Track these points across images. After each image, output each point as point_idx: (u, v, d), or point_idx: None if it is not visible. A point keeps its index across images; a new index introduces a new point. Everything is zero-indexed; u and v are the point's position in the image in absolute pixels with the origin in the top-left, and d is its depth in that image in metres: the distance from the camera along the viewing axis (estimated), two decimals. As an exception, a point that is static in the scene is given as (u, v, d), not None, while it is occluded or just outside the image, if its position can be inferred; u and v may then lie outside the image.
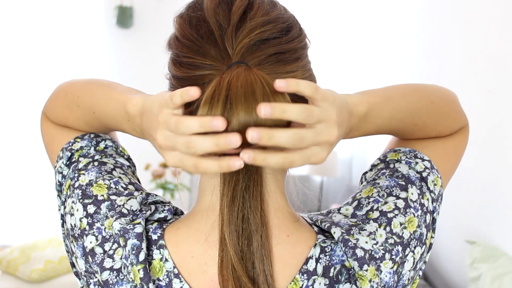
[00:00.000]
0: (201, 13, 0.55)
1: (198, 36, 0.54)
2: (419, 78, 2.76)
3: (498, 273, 1.70)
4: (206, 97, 0.48)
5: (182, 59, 0.55)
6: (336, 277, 0.53)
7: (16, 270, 2.57)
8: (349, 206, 0.60)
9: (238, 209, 0.51)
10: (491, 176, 1.94)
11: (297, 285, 0.53)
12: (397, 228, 0.56)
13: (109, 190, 0.59)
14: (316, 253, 0.54)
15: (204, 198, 0.57)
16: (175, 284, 0.54)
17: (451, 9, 2.37)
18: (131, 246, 0.54)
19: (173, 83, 0.56)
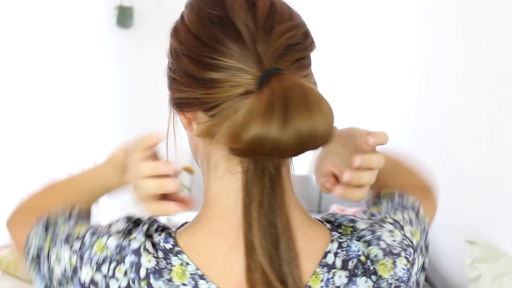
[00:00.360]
0: (224, 11, 0.53)
1: (224, 36, 0.52)
2: (420, 79, 2.76)
3: (498, 273, 1.70)
4: (262, 109, 0.47)
5: (203, 59, 0.52)
6: (354, 270, 0.56)
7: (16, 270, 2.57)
8: (362, 215, 0.64)
9: (265, 214, 0.52)
10: (491, 176, 1.94)
11: (318, 278, 0.55)
12: (408, 234, 0.61)
13: (88, 228, 0.59)
14: (334, 248, 0.57)
15: (220, 201, 0.56)
16: (202, 285, 0.53)
17: (451, 10, 2.37)
18: (129, 263, 0.53)
19: (187, 80, 0.54)
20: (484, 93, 2.01)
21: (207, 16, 0.53)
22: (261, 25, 0.52)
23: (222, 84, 0.51)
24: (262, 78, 0.50)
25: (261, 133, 0.47)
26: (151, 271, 0.53)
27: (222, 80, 0.51)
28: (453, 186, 2.29)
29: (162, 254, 0.54)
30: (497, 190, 1.90)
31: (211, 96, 0.52)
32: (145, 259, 0.54)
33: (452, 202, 2.30)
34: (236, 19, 0.52)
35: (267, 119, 0.47)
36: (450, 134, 2.32)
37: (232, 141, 0.49)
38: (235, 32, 0.52)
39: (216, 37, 0.52)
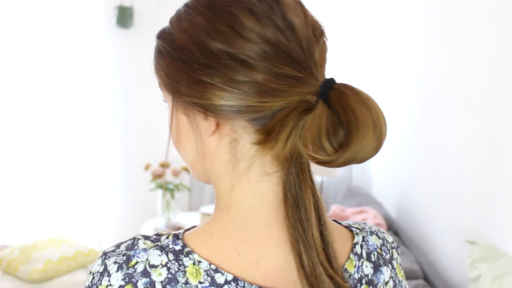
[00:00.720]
0: (285, 21, 0.54)
1: (289, 44, 0.53)
2: (420, 80, 2.76)
3: (498, 273, 1.70)
4: (361, 125, 0.50)
5: (274, 69, 0.53)
6: (378, 261, 0.62)
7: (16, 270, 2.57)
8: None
9: (315, 209, 0.56)
10: (491, 176, 1.94)
11: (352, 264, 0.60)
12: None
13: None
14: (359, 240, 0.62)
15: (246, 203, 0.57)
16: (218, 279, 0.54)
17: (452, 11, 2.37)
18: (143, 286, 0.53)
19: (242, 89, 0.53)
20: (484, 94, 2.01)
21: (265, 26, 0.54)
22: (312, 35, 0.56)
23: (281, 93, 0.52)
24: (324, 88, 0.53)
25: (359, 149, 0.50)
26: (166, 282, 0.53)
27: (281, 89, 0.52)
28: (453, 186, 2.29)
29: (172, 256, 0.54)
30: (497, 190, 1.90)
31: (268, 104, 0.53)
32: (155, 274, 0.53)
33: (452, 202, 2.31)
34: (297, 27, 0.55)
35: (366, 134, 0.50)
36: (450, 134, 2.33)
37: (317, 152, 0.51)
38: (297, 40, 0.54)
39: (283, 43, 0.53)
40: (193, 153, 0.60)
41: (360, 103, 0.51)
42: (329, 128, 0.51)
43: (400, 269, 0.65)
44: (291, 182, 0.55)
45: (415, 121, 2.81)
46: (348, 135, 0.51)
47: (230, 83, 0.53)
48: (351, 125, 0.50)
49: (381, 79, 3.45)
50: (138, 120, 3.64)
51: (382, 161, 3.43)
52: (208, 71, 0.53)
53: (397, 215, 3.08)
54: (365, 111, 0.51)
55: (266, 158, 0.56)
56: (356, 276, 0.59)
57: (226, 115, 0.54)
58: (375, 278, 0.61)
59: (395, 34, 3.18)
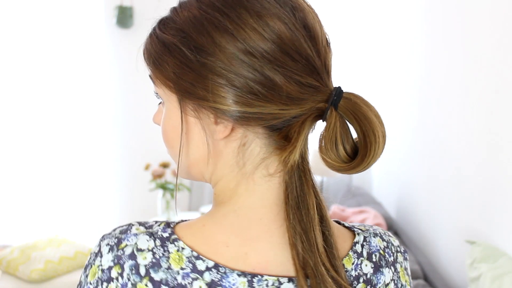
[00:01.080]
0: (286, 28, 0.54)
1: (311, 53, 0.55)
2: (420, 80, 2.76)
3: (498, 273, 1.70)
4: (374, 134, 0.54)
5: (296, 77, 0.54)
6: (379, 262, 0.62)
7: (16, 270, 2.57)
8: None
9: (317, 210, 0.57)
10: (491, 176, 1.94)
11: (350, 260, 0.60)
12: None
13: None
14: (360, 240, 0.62)
15: (240, 199, 0.58)
16: (200, 265, 0.54)
17: (452, 11, 2.37)
18: (129, 268, 0.54)
19: (266, 96, 0.54)
20: (484, 94, 2.01)
21: (284, 33, 0.54)
22: (321, 45, 0.57)
23: (302, 102, 0.54)
24: (336, 97, 0.55)
25: (372, 161, 0.55)
26: (150, 266, 0.54)
27: (301, 98, 0.54)
28: (453, 186, 2.29)
29: (159, 242, 0.55)
30: (497, 190, 1.90)
31: (286, 112, 0.54)
32: (141, 258, 0.55)
33: (452, 202, 2.30)
34: (316, 33, 0.57)
35: (379, 145, 0.55)
36: (450, 134, 2.33)
37: (330, 157, 0.55)
38: (306, 53, 0.55)
39: (307, 55, 0.55)
40: (197, 154, 0.60)
41: (372, 113, 0.55)
42: (342, 135, 0.55)
43: (405, 273, 0.65)
44: (293, 184, 0.56)
45: (415, 121, 2.81)
46: (365, 143, 0.55)
47: (254, 91, 0.53)
48: (368, 134, 0.54)
49: (382, 79, 3.45)
50: (138, 120, 3.64)
51: (382, 161, 3.43)
52: (232, 76, 0.52)
53: (397, 215, 3.08)
54: (376, 121, 0.55)
55: (270, 160, 0.57)
56: (354, 274, 0.59)
57: (244, 121, 0.55)
58: (374, 278, 0.60)
59: (395, 35, 3.18)
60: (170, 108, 0.59)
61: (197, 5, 0.55)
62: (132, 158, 3.63)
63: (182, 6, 0.57)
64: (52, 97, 3.49)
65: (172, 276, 0.54)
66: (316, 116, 0.56)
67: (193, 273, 0.54)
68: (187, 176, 0.64)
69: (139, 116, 3.63)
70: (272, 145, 0.57)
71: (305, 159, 0.57)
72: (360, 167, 0.55)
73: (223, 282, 0.54)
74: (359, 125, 0.55)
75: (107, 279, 0.55)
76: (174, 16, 0.57)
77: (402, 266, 0.65)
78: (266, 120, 0.54)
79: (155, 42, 0.58)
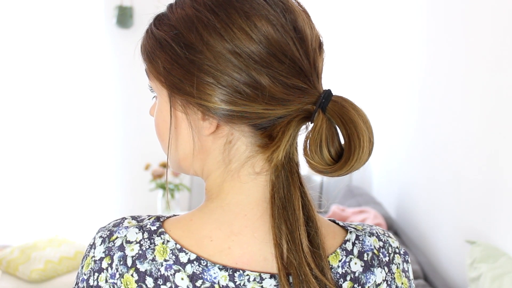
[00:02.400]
0: (274, 30, 0.55)
1: (299, 55, 0.55)
2: (421, 80, 2.76)
3: (498, 273, 1.70)
4: (358, 138, 0.54)
5: (281, 78, 0.54)
6: (371, 261, 0.61)
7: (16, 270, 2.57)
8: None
9: (304, 210, 0.57)
10: (491, 176, 1.94)
11: (337, 258, 0.59)
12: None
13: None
14: (352, 238, 0.62)
15: (227, 196, 0.59)
16: (182, 258, 0.56)
17: (453, 12, 2.37)
18: (117, 259, 0.56)
19: (250, 95, 0.55)
20: (484, 94, 2.01)
21: (271, 35, 0.55)
22: (312, 49, 0.57)
23: (285, 102, 0.55)
24: (324, 100, 0.55)
25: (357, 160, 0.54)
26: (136, 257, 0.56)
27: (286, 99, 0.55)
28: (453, 186, 2.29)
29: (147, 235, 0.57)
30: (497, 190, 1.90)
31: (272, 112, 0.55)
32: (129, 249, 0.56)
33: (452, 202, 2.30)
34: (306, 35, 0.57)
35: (369, 146, 0.55)
36: (451, 134, 2.33)
37: (312, 158, 0.55)
38: (295, 53, 0.56)
39: (294, 57, 0.55)
40: (186, 148, 0.61)
41: (359, 117, 0.54)
42: (328, 138, 0.55)
43: (402, 276, 0.63)
44: (280, 184, 0.56)
45: (415, 122, 2.81)
46: (349, 147, 0.54)
47: (239, 90, 0.54)
48: (353, 138, 0.54)
49: (382, 80, 3.45)
50: (138, 120, 3.64)
51: (382, 161, 3.43)
52: (219, 74, 0.53)
53: (397, 215, 3.08)
54: (363, 125, 0.54)
55: (256, 159, 0.58)
56: (340, 271, 0.59)
57: (229, 119, 0.56)
58: (363, 277, 0.60)
59: (396, 36, 3.18)
60: (162, 102, 0.61)
61: (190, 4, 0.57)
62: (132, 158, 3.63)
63: (177, 4, 0.59)
64: (52, 97, 3.49)
65: (156, 267, 0.55)
66: (304, 118, 0.56)
67: (175, 265, 0.55)
68: (178, 169, 0.65)
69: (139, 116, 3.63)
70: (257, 144, 0.58)
71: (293, 160, 0.57)
72: (343, 170, 0.55)
73: (204, 275, 0.55)
74: (344, 128, 0.55)
75: (98, 270, 0.57)
76: (169, 13, 0.59)
77: (400, 267, 0.63)
78: (251, 119, 0.55)
79: (150, 37, 0.61)
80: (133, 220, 0.60)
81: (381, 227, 2.59)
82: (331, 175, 0.56)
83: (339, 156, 0.56)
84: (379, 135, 3.48)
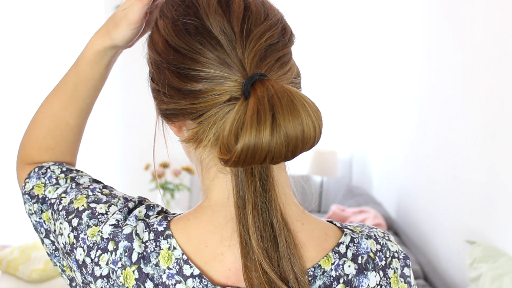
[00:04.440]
0: (199, 20, 0.53)
1: (202, 46, 0.53)
2: (421, 80, 2.76)
3: (498, 273, 1.70)
4: (250, 119, 0.48)
5: (185, 71, 0.53)
6: (365, 264, 0.59)
7: (16, 270, 2.57)
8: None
9: (260, 214, 0.54)
10: (491, 176, 1.94)
11: (329, 261, 0.58)
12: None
13: (88, 199, 0.61)
14: (346, 240, 0.60)
15: (214, 196, 0.58)
16: (186, 270, 0.55)
17: (453, 12, 2.37)
18: (123, 248, 0.56)
19: (171, 92, 0.55)
20: (484, 94, 2.01)
21: (183, 26, 0.54)
22: (238, 30, 0.53)
23: (206, 94, 0.52)
24: (246, 85, 0.51)
25: (252, 143, 0.47)
26: (141, 257, 0.55)
27: (206, 90, 0.52)
28: (453, 186, 2.29)
29: (153, 236, 0.56)
30: (497, 190, 1.90)
31: (196, 106, 0.53)
32: (137, 244, 0.56)
33: (452, 202, 2.30)
34: (213, 27, 0.53)
35: (256, 128, 0.47)
36: (451, 134, 2.33)
37: (223, 152, 0.49)
38: (213, 40, 0.52)
39: (195, 48, 0.53)
40: (185, 152, 0.64)
41: (277, 94, 0.49)
42: (249, 125, 0.48)
43: (400, 281, 0.61)
44: (238, 182, 0.55)
45: (415, 122, 2.81)
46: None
47: (166, 88, 0.55)
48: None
49: (383, 80, 3.45)
50: (138, 120, 3.64)
51: (382, 161, 3.43)
52: (156, 78, 0.57)
53: (397, 215, 3.08)
54: (283, 98, 0.49)
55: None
56: (333, 274, 0.58)
57: (175, 118, 0.57)
58: (355, 280, 0.58)
59: (397, 38, 3.18)
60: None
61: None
62: (132, 158, 3.63)
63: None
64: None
65: (159, 273, 0.55)
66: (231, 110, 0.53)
67: (177, 276, 0.55)
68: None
69: (139, 116, 3.63)
70: (184, 138, 0.58)
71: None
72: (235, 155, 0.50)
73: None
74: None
75: (103, 249, 0.56)
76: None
77: (397, 272, 0.61)
78: (184, 116, 0.55)
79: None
80: (144, 209, 0.60)
81: (381, 227, 2.58)
82: (227, 163, 0.51)
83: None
84: (380, 135, 3.48)
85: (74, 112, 0.72)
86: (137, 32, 0.66)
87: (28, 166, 0.71)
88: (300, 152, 0.50)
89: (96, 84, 0.72)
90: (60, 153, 0.73)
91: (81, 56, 0.73)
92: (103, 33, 0.71)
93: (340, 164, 3.79)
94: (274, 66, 0.54)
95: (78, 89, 0.71)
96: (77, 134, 0.75)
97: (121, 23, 0.65)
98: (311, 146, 0.50)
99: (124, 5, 0.64)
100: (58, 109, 0.72)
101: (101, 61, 0.71)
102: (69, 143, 0.74)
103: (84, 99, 0.71)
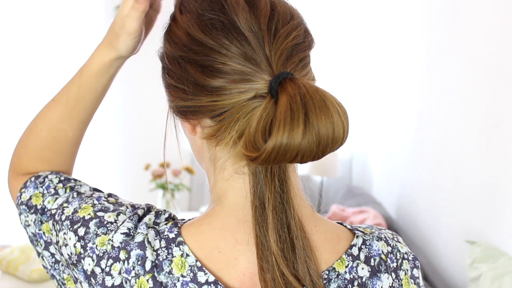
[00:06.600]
0: (226, 15, 0.53)
1: (229, 41, 0.52)
2: (421, 80, 2.76)
3: (498, 273, 1.70)
4: (283, 116, 0.47)
5: (210, 66, 0.52)
6: (378, 267, 0.59)
7: (16, 270, 2.57)
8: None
9: (279, 215, 0.53)
10: (491, 176, 1.94)
11: (343, 263, 0.57)
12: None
13: (94, 207, 0.59)
14: (359, 243, 0.59)
15: (227, 199, 0.57)
16: (200, 277, 0.54)
17: (453, 12, 2.37)
18: (135, 257, 0.54)
19: (192, 88, 0.53)
20: (484, 94, 2.01)
21: (209, 21, 0.53)
22: (265, 28, 0.52)
23: (230, 91, 0.51)
24: (275, 82, 0.50)
25: (284, 141, 0.47)
26: (154, 266, 0.54)
27: (230, 87, 0.51)
28: (453, 186, 2.29)
29: (164, 243, 0.55)
30: (497, 190, 1.90)
31: (219, 103, 0.52)
32: (149, 252, 0.55)
33: (452, 202, 2.30)
34: (241, 23, 0.52)
35: (289, 126, 0.47)
36: (451, 134, 2.33)
37: (250, 150, 0.49)
38: (240, 36, 0.52)
39: (222, 43, 0.52)
40: (192, 150, 0.63)
41: (309, 93, 0.49)
42: (283, 123, 0.48)
43: (410, 282, 0.61)
44: (256, 182, 0.54)
45: (415, 122, 2.81)
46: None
47: (186, 84, 0.54)
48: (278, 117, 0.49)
49: (383, 81, 3.45)
50: (139, 120, 3.64)
51: (382, 161, 3.43)
52: (174, 74, 0.55)
53: (397, 215, 3.08)
54: (315, 98, 0.49)
55: (237, 157, 0.55)
56: (348, 277, 0.57)
57: (193, 116, 0.56)
58: (369, 283, 0.58)
59: (396, 37, 3.18)
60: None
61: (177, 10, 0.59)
62: (132, 158, 3.63)
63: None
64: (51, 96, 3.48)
65: (172, 281, 0.54)
66: (256, 107, 0.52)
67: (192, 283, 0.54)
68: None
69: (140, 116, 3.63)
70: (204, 135, 0.57)
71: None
72: (265, 153, 0.49)
73: None
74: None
75: (114, 258, 0.55)
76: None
77: (408, 274, 0.61)
78: (204, 113, 0.54)
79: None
80: (153, 216, 0.58)
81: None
82: (256, 161, 0.50)
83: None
84: (380, 135, 3.48)
85: (74, 124, 0.72)
86: (139, 40, 0.65)
87: (22, 177, 0.71)
88: (329, 152, 0.49)
89: (99, 95, 0.72)
90: (57, 165, 0.72)
91: (85, 67, 0.72)
92: (106, 45, 0.68)
93: (340, 164, 3.79)
94: (298, 66, 0.53)
95: (81, 100, 0.71)
96: (75, 146, 0.75)
97: (121, 34, 0.63)
98: (339, 146, 0.50)
99: (121, 14, 0.62)
100: (57, 121, 0.72)
101: (107, 73, 0.71)
102: (66, 155, 0.74)
103: (85, 110, 0.72)
